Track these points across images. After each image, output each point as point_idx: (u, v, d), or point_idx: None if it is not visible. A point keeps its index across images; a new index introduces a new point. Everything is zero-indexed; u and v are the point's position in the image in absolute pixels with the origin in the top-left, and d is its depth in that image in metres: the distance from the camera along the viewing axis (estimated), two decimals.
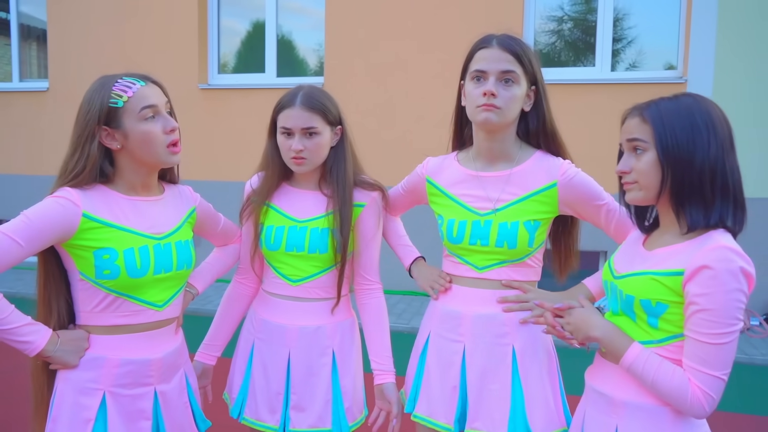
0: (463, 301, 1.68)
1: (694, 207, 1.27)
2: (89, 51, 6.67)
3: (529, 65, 1.57)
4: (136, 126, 1.47)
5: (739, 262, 1.20)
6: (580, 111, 5.54)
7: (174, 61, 6.36)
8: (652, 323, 1.31)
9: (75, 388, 1.47)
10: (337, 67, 6.01)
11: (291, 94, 1.72)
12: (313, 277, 1.76)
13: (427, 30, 5.73)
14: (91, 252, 1.45)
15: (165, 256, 1.54)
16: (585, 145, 5.52)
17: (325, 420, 1.74)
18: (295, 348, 1.76)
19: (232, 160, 6.22)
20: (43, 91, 6.90)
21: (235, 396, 1.85)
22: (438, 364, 1.70)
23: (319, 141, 1.70)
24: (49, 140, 6.90)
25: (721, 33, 5.25)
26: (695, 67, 5.32)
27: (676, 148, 1.26)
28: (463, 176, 1.70)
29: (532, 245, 1.62)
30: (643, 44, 5.68)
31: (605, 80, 5.55)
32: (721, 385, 1.23)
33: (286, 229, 1.76)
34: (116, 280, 1.46)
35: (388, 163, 1.98)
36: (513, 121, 1.62)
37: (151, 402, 1.54)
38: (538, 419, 1.59)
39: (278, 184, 1.82)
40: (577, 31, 5.85)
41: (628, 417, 1.33)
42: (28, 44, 7.45)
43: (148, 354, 1.53)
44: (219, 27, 6.55)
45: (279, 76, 6.37)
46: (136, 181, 1.55)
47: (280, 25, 6.43)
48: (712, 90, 5.29)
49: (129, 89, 1.48)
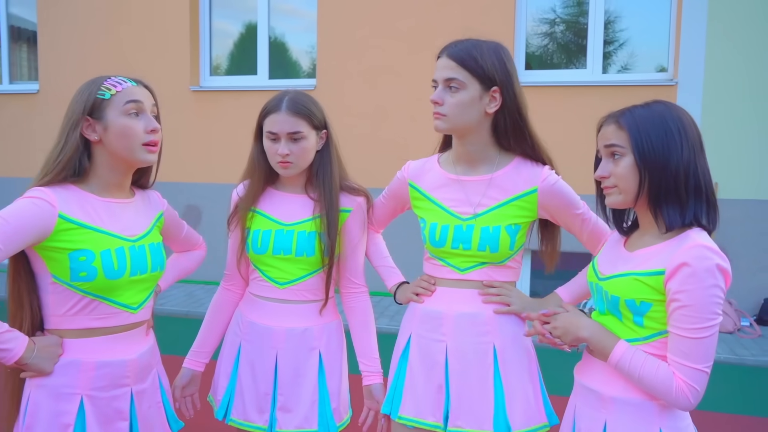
0: (445, 301, 1.69)
1: (671, 207, 1.34)
2: (80, 53, 6.64)
3: (481, 69, 1.57)
4: (118, 119, 1.49)
5: (716, 259, 1.26)
6: (571, 113, 5.56)
7: (166, 63, 6.34)
8: (638, 321, 1.37)
9: (51, 394, 1.45)
10: (329, 69, 6.01)
11: (277, 99, 1.73)
12: (301, 279, 1.78)
13: (419, 32, 5.74)
14: (66, 254, 1.43)
15: (140, 258, 1.54)
16: (576, 147, 5.54)
17: (311, 421, 1.76)
18: (283, 349, 1.78)
19: (224, 162, 6.20)
20: (33, 93, 6.87)
21: (221, 398, 1.85)
22: (422, 364, 1.71)
23: (304, 145, 1.72)
24: (39, 143, 6.85)
25: (711, 35, 5.29)
26: (686, 69, 5.36)
27: (652, 152, 1.33)
28: (444, 180, 1.72)
29: (513, 248, 1.65)
30: (634, 47, 5.71)
31: (597, 82, 5.57)
32: (704, 377, 1.29)
33: (273, 233, 1.77)
34: (93, 282, 1.44)
35: (382, 165, 1.98)
36: (470, 126, 1.62)
37: (128, 402, 1.54)
38: (517, 415, 1.61)
39: (264, 189, 1.83)
40: (569, 34, 5.88)
41: (616, 412, 1.38)
42: (18, 46, 7.41)
43: (124, 355, 1.53)
44: (211, 29, 6.53)
45: (271, 78, 6.36)
46: (110, 179, 1.54)
47: (273, 27, 6.42)
48: (703, 91, 5.33)
49: (119, 85, 1.51)
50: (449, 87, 1.59)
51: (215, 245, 2.67)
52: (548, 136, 5.64)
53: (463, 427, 1.63)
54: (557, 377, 2.20)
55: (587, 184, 1.66)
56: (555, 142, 6.50)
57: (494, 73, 1.58)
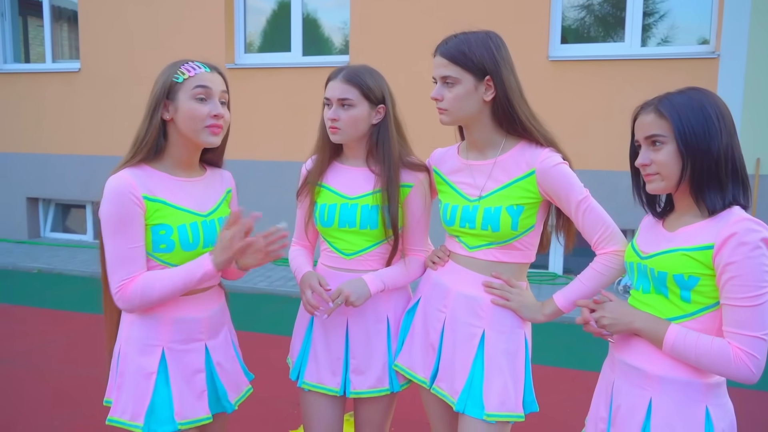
0: (453, 278, 1.79)
1: (713, 191, 1.37)
2: (119, 32, 6.73)
3: (471, 62, 1.65)
4: (186, 102, 1.60)
5: (763, 231, 1.30)
6: (610, 88, 5.44)
7: (201, 41, 6.38)
8: (685, 297, 1.38)
9: (137, 345, 1.63)
10: (362, 45, 5.97)
11: (339, 69, 1.85)
12: (366, 250, 1.87)
13: (454, 7, 5.65)
14: (149, 228, 1.59)
15: (211, 232, 1.69)
16: (615, 123, 5.43)
17: (383, 381, 1.87)
18: (353, 315, 1.87)
19: (259, 139, 6.26)
20: (75, 72, 7.00)
21: (295, 359, 1.96)
22: (423, 325, 1.84)
23: (353, 113, 1.79)
24: (80, 120, 7.01)
25: (755, 6, 5.08)
26: (729, 42, 5.17)
27: (694, 139, 1.36)
28: (459, 165, 1.81)
29: (517, 228, 1.69)
30: (674, 18, 5.52)
31: (635, 56, 5.42)
32: (763, 344, 1.31)
33: (338, 207, 1.86)
34: (171, 254, 1.61)
35: (414, 143, 1.98)
36: (472, 115, 1.70)
37: (203, 356, 1.70)
38: (492, 399, 1.67)
39: (330, 163, 1.93)
40: (607, 6, 5.71)
41: (662, 390, 1.40)
42: (60, 26, 7.54)
43: (197, 313, 1.69)
44: (245, 6, 6.54)
45: (305, 55, 6.35)
46: (182, 157, 1.68)
47: (305, 3, 6.40)
48: (746, 65, 5.14)
49: (193, 70, 1.62)
50: (446, 83, 1.68)
51: None
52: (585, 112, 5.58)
53: (443, 388, 1.76)
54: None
55: (624, 161, 1.63)
56: (591, 118, 6.38)
57: (483, 64, 1.65)
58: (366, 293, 1.80)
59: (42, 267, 6.16)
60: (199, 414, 1.67)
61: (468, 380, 1.70)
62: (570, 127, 5.46)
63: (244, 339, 2.03)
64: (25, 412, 3.12)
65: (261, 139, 6.29)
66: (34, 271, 6.13)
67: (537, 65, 5.53)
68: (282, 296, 5.26)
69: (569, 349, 4.15)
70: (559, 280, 5.69)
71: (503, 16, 5.55)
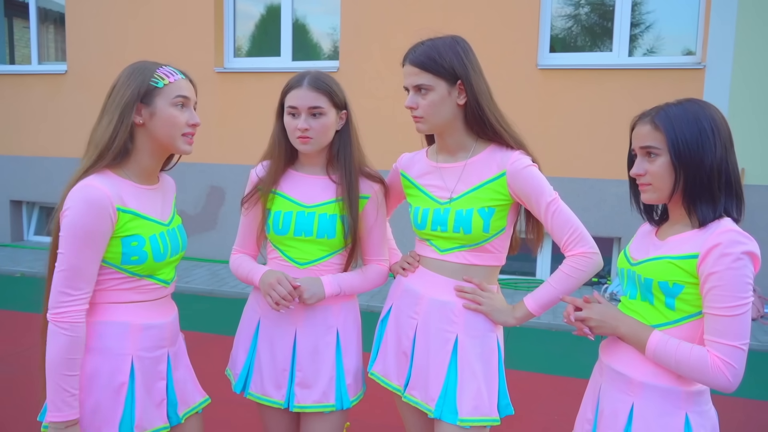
0: (424, 284, 1.77)
1: (704, 204, 1.38)
2: (107, 34, 6.69)
3: (442, 68, 1.64)
4: (166, 108, 1.57)
5: (746, 243, 1.31)
6: (596, 97, 5.48)
7: (190, 45, 6.36)
8: (669, 304, 1.40)
9: (107, 356, 1.55)
10: (351, 51, 5.98)
11: (299, 76, 1.78)
12: (321, 260, 1.82)
13: (441, 14, 5.68)
14: (119, 239, 1.53)
15: (174, 240, 1.67)
16: (601, 132, 5.47)
17: (329, 396, 1.81)
18: (302, 327, 1.82)
19: (248, 144, 6.23)
20: (61, 74, 6.94)
21: (239, 372, 1.90)
22: (395, 333, 1.82)
23: (324, 121, 1.75)
24: (66, 123, 6.95)
25: (741, 17, 5.15)
26: (714, 53, 5.23)
27: (688, 153, 1.36)
28: (428, 168, 1.80)
29: (488, 231, 1.69)
30: (661, 29, 5.58)
31: (622, 65, 5.47)
32: (741, 354, 1.31)
33: (294, 214, 1.80)
34: (143, 265, 1.57)
35: (401, 146, 1.98)
36: (447, 120, 1.69)
37: (166, 363, 1.67)
38: (466, 404, 1.66)
39: (284, 170, 1.85)
40: (594, 16, 5.77)
41: (644, 396, 1.42)
42: (46, 27, 7.48)
43: (162, 319, 1.66)
44: (234, 11, 6.53)
45: (294, 60, 6.36)
46: (148, 164, 1.63)
47: (295, 9, 6.40)
48: (731, 76, 5.20)
49: (172, 76, 1.60)
50: (419, 91, 1.67)
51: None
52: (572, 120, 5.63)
53: (416, 396, 1.74)
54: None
55: (612, 168, 1.64)
56: (579, 126, 6.44)
57: (454, 68, 1.65)
58: (321, 293, 1.76)
59: (25, 271, 6.08)
60: (156, 423, 1.61)
61: (444, 386, 1.69)
62: (558, 135, 5.49)
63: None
64: (11, 413, 3.07)
65: (250, 143, 6.25)
66: (17, 275, 6.05)
67: (526, 73, 5.56)
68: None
69: (554, 355, 4.15)
70: None
71: (493, 25, 5.58)
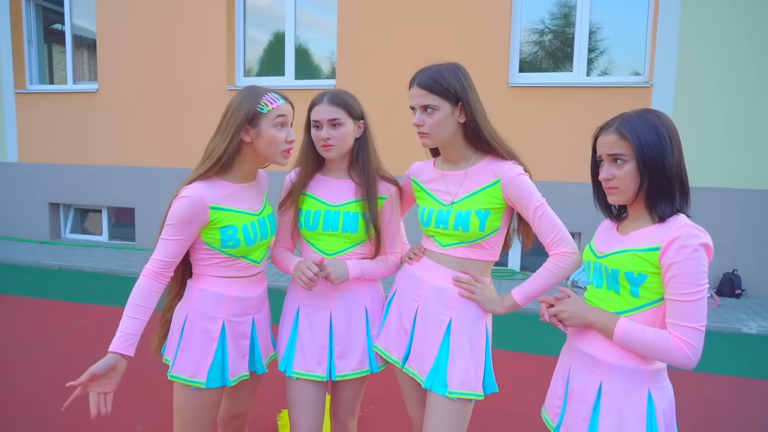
0: (426, 272, 1.79)
1: (664, 202, 1.37)
2: (133, 57, 6.64)
3: (447, 90, 1.66)
4: (269, 129, 1.67)
5: (702, 235, 1.31)
6: (560, 111, 5.50)
7: (206, 66, 6.33)
8: (634, 292, 1.39)
9: (204, 316, 1.72)
10: (347, 72, 5.97)
11: (321, 94, 1.82)
12: (345, 251, 1.85)
13: (425, 40, 5.68)
14: (218, 229, 1.67)
15: (264, 228, 1.78)
16: (564, 141, 5.49)
17: (364, 363, 1.88)
18: (336, 308, 1.86)
19: None
20: (93, 92, 6.88)
21: (282, 353, 1.92)
22: (398, 312, 1.85)
23: (343, 131, 1.79)
24: (97, 134, 6.90)
25: (683, 43, 5.19)
26: (660, 73, 5.27)
27: (652, 159, 1.35)
28: (435, 175, 1.82)
29: (484, 230, 1.69)
30: (614, 53, 5.62)
31: (581, 84, 5.50)
32: (700, 335, 1.30)
33: (322, 213, 1.84)
34: (237, 249, 1.70)
35: (391, 156, 1.98)
36: (449, 137, 1.71)
37: (250, 326, 1.81)
38: (455, 378, 1.67)
39: (313, 175, 1.90)
40: (557, 42, 5.79)
41: (611, 375, 1.40)
42: (81, 52, 7.42)
43: (250, 293, 1.79)
44: (245, 37, 6.50)
45: (297, 79, 6.33)
46: (248, 170, 1.76)
47: (298, 35, 6.37)
48: (674, 93, 5.24)
49: (275, 102, 1.68)
50: (426, 110, 1.68)
51: None
52: (539, 130, 5.64)
53: (413, 368, 1.77)
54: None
55: (574, 173, 1.64)
56: (545, 136, 6.45)
57: (456, 91, 1.66)
58: (345, 275, 1.78)
59: (62, 264, 6.02)
60: (241, 371, 1.78)
61: (435, 361, 1.70)
62: (528, 144, 5.48)
63: None
64: (46, 393, 3.05)
65: None
66: (55, 268, 5.99)
67: (498, 90, 5.58)
68: None
69: (528, 336, 4.16)
70: (516, 276, 5.71)
71: (469, 47, 5.59)
